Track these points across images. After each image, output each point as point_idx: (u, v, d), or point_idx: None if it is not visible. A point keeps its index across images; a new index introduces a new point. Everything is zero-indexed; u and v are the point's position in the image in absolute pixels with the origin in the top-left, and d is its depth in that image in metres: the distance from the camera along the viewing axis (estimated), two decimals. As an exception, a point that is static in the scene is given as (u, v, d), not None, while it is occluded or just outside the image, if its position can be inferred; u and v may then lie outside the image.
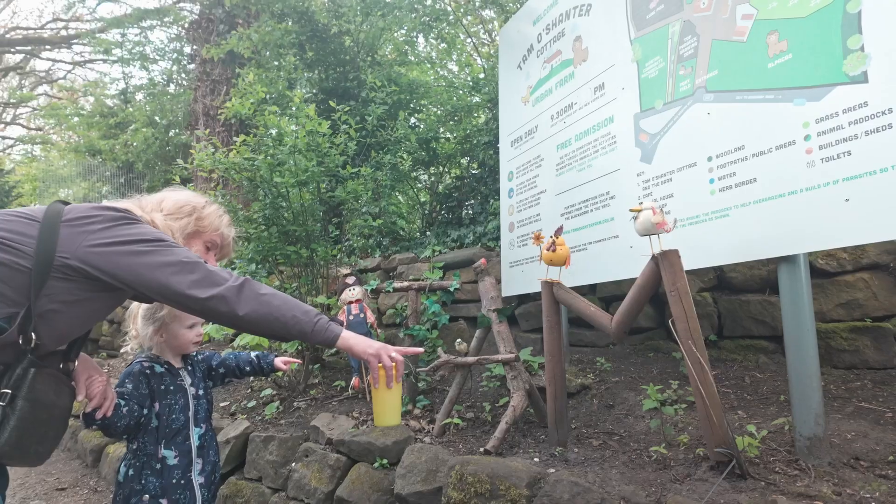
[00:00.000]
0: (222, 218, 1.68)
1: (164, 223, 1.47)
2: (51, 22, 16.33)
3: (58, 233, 1.23)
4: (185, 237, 1.55)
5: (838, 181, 1.94)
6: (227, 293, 1.24)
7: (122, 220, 1.28)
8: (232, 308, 1.24)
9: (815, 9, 2.05)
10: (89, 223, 1.25)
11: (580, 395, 3.06)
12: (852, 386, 2.59)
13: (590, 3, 3.23)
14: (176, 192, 1.63)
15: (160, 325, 1.83)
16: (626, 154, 2.84)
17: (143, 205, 1.49)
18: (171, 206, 1.55)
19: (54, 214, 1.26)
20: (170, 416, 1.78)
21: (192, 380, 1.90)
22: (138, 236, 1.26)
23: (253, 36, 5.98)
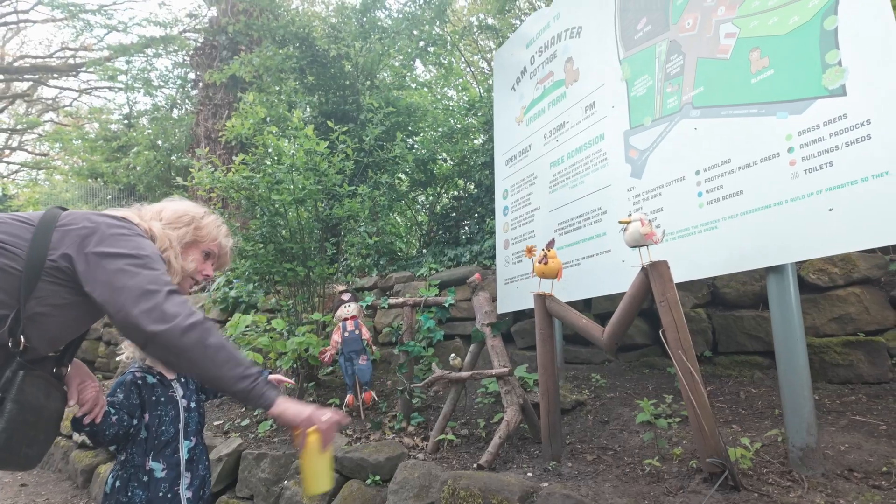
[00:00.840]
0: (220, 228, 1.69)
1: (162, 232, 1.48)
2: (59, 51, 16.71)
3: (51, 236, 1.24)
4: (184, 246, 1.56)
5: (822, 191, 1.97)
6: (170, 333, 1.17)
7: (114, 229, 1.28)
8: (169, 349, 1.19)
9: (794, 26, 2.12)
10: (81, 228, 1.27)
11: (575, 411, 3.04)
12: (847, 400, 2.58)
13: (580, 26, 3.32)
14: (175, 202, 1.64)
15: None
16: (616, 170, 2.89)
17: (142, 213, 1.51)
18: (171, 216, 1.56)
19: (50, 219, 1.28)
20: (159, 427, 1.76)
21: (184, 392, 1.87)
22: (123, 250, 1.25)
23: (254, 60, 6.13)
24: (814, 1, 2.06)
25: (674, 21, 2.65)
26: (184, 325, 1.19)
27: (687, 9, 2.59)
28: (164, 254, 1.47)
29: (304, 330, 3.72)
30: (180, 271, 1.54)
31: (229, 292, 5.48)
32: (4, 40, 17.81)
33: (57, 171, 14.53)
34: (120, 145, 9.61)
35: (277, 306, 4.50)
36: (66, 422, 1.53)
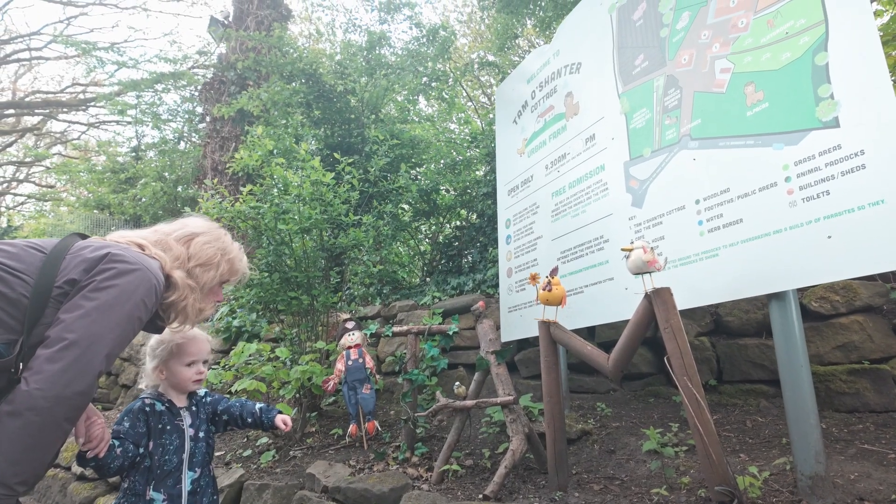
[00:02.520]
0: (243, 259, 1.69)
1: (184, 283, 1.46)
2: (70, 86, 17.15)
3: (60, 263, 1.24)
4: (210, 289, 1.57)
5: (820, 219, 2.02)
6: (39, 401, 1.10)
7: (120, 275, 1.26)
8: (29, 404, 1.10)
9: (787, 62, 2.21)
10: (93, 257, 1.26)
11: (581, 441, 3.02)
12: (854, 429, 2.56)
13: (580, 62, 3.44)
14: (203, 234, 1.59)
15: (159, 362, 1.80)
16: (617, 199, 2.95)
17: (167, 246, 1.48)
18: (203, 257, 1.54)
19: (63, 246, 1.29)
20: (162, 456, 1.72)
21: (192, 420, 1.83)
22: (107, 304, 1.22)
23: (262, 95, 6.29)
24: (804, 38, 2.15)
25: (670, 57, 2.75)
26: (47, 403, 1.11)
27: (683, 45, 2.69)
28: (180, 302, 1.46)
29: (307, 359, 3.72)
30: (195, 317, 1.53)
31: (232, 321, 5.49)
32: (17, 76, 18.33)
33: (63, 203, 14.70)
34: (127, 177, 9.77)
35: (281, 335, 4.50)
36: (66, 453, 1.53)
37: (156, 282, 1.33)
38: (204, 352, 1.87)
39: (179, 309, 1.48)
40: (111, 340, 1.21)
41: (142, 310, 1.29)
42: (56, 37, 14.70)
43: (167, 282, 1.43)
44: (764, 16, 2.32)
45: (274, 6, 9.03)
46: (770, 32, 2.28)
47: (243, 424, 2.00)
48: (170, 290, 1.44)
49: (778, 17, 2.26)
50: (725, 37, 2.48)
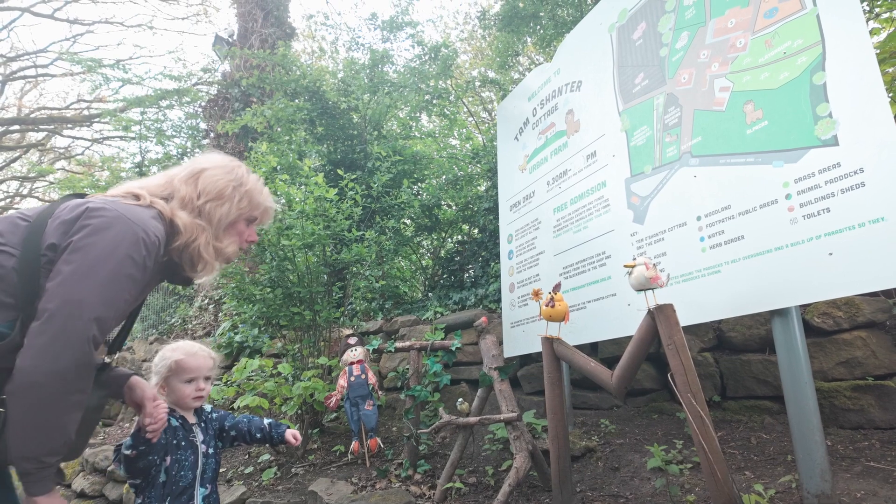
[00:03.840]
0: (263, 189, 1.55)
1: (190, 223, 1.35)
2: (75, 103, 17.33)
3: (44, 231, 1.16)
4: (226, 226, 1.45)
5: (821, 236, 2.03)
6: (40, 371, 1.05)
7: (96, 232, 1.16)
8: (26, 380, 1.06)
9: (785, 81, 2.24)
10: (69, 223, 1.18)
11: (585, 458, 3.00)
12: (860, 446, 2.55)
13: (580, 80, 3.49)
14: (212, 167, 1.46)
15: (159, 379, 1.80)
16: (619, 216, 2.97)
17: (173, 191, 1.38)
18: (212, 190, 1.41)
19: (47, 213, 1.19)
20: (178, 472, 1.71)
21: (203, 437, 1.83)
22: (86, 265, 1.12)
23: (266, 112, 6.36)
24: (802, 58, 2.19)
25: (670, 76, 2.79)
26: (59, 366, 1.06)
27: (682, 64, 2.73)
28: (189, 245, 1.35)
29: (309, 374, 3.71)
30: (212, 259, 1.41)
31: (234, 337, 5.49)
32: (23, 92, 18.52)
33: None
34: (130, 192, 9.83)
35: (283, 351, 4.50)
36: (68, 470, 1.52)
37: (143, 233, 1.20)
38: (204, 368, 1.84)
39: (191, 252, 1.36)
40: (96, 304, 1.11)
41: (129, 265, 1.17)
42: (62, 54, 14.90)
43: (171, 226, 1.33)
44: (762, 36, 2.36)
45: (278, 24, 9.17)
46: (768, 52, 2.32)
47: (251, 440, 1.99)
48: (176, 235, 1.33)
49: (776, 38, 2.30)
50: (724, 56, 2.52)
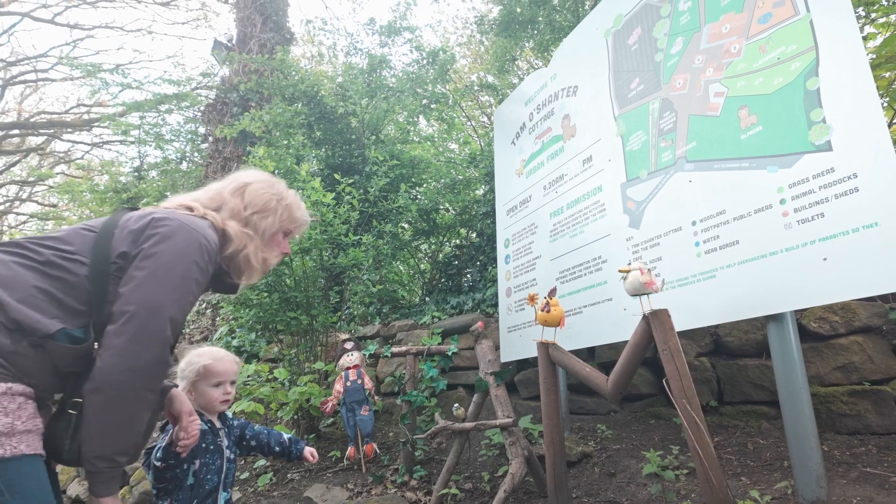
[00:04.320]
0: (300, 204, 1.64)
1: (240, 232, 1.43)
2: (75, 107, 17.36)
3: (111, 240, 1.24)
4: (269, 237, 1.54)
5: (815, 241, 2.03)
6: (128, 368, 1.12)
7: (164, 240, 1.24)
8: (106, 379, 1.12)
9: (779, 87, 2.24)
10: (139, 225, 1.26)
11: (581, 464, 2.99)
12: (857, 451, 2.54)
13: (577, 85, 3.50)
14: (255, 183, 1.55)
15: (187, 384, 1.81)
16: (615, 220, 2.97)
17: (221, 201, 1.46)
18: (258, 203, 1.50)
19: (112, 224, 1.28)
20: (205, 475, 1.72)
21: (227, 442, 1.85)
22: (158, 270, 1.21)
23: (264, 117, 6.37)
24: (795, 63, 2.19)
25: (665, 81, 2.80)
26: (143, 369, 1.13)
27: (677, 70, 2.74)
28: (239, 253, 1.43)
29: (305, 380, 3.70)
30: (259, 267, 1.50)
31: (231, 341, 5.48)
32: (23, 97, 18.56)
33: (66, 222, 14.80)
34: (129, 197, 9.83)
35: (280, 355, 4.49)
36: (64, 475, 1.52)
37: (204, 240, 1.29)
38: (231, 372, 1.88)
39: (241, 260, 1.45)
40: (170, 305, 1.20)
41: (195, 271, 1.26)
42: (62, 59, 14.94)
43: (223, 236, 1.41)
44: (756, 41, 2.37)
45: (277, 29, 9.19)
46: (762, 58, 2.33)
47: (270, 452, 2.00)
48: (227, 244, 1.41)
49: (770, 43, 2.31)
50: (719, 61, 2.52)
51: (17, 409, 1.05)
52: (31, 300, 1.12)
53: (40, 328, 1.09)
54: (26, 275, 1.15)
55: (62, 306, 1.16)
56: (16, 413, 1.04)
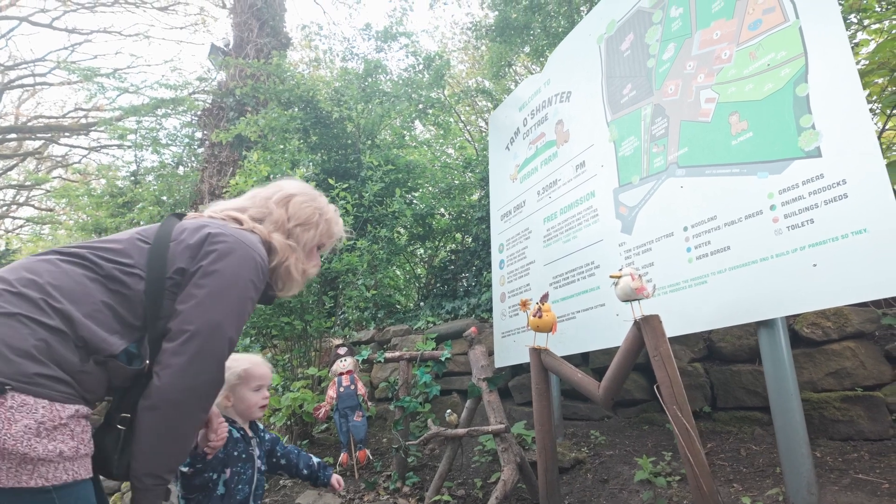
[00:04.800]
0: (339, 219, 1.67)
1: (284, 244, 1.44)
2: (72, 111, 17.36)
3: (166, 253, 1.22)
4: (310, 249, 1.55)
5: (805, 247, 2.03)
6: (183, 385, 1.12)
7: (223, 258, 1.24)
8: (164, 398, 1.11)
9: (769, 93, 2.25)
10: (195, 248, 1.24)
11: (574, 470, 2.97)
12: (849, 457, 2.53)
13: (570, 91, 3.50)
14: (299, 195, 1.55)
15: (227, 389, 1.77)
16: (607, 226, 2.97)
17: (266, 213, 1.47)
18: (302, 216, 1.51)
19: (165, 236, 1.26)
20: (236, 485, 1.67)
21: (259, 452, 1.80)
22: (218, 289, 1.20)
23: (260, 122, 6.37)
24: (785, 70, 2.20)
25: (657, 87, 2.80)
26: (199, 385, 1.14)
27: (669, 76, 2.74)
28: (282, 265, 1.43)
29: (298, 385, 3.69)
30: (300, 278, 1.50)
31: (226, 347, 5.45)
32: (21, 101, 18.55)
33: (62, 227, 14.76)
34: (125, 201, 9.82)
35: (273, 361, 4.47)
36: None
37: (259, 259, 1.30)
38: (268, 377, 1.87)
39: (282, 272, 1.45)
40: (230, 325, 1.20)
41: (251, 290, 1.27)
42: (60, 63, 14.95)
43: (269, 248, 1.41)
44: (746, 48, 2.38)
45: (274, 34, 9.21)
46: (752, 64, 2.33)
47: (296, 473, 1.95)
48: (271, 255, 1.42)
49: (760, 49, 2.32)
50: (710, 68, 2.53)
51: (81, 432, 1.04)
52: (97, 315, 1.10)
53: (106, 347, 1.08)
54: (93, 288, 1.13)
55: (122, 321, 1.15)
56: (80, 437, 1.03)
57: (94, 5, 16.18)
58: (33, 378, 0.97)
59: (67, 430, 1.00)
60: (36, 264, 1.12)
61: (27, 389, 0.96)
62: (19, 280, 1.07)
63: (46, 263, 1.13)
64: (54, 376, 1.00)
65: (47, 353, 1.00)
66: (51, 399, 0.98)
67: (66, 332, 1.04)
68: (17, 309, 1.01)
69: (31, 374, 0.97)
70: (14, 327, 0.99)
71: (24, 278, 1.08)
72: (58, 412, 0.98)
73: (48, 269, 1.11)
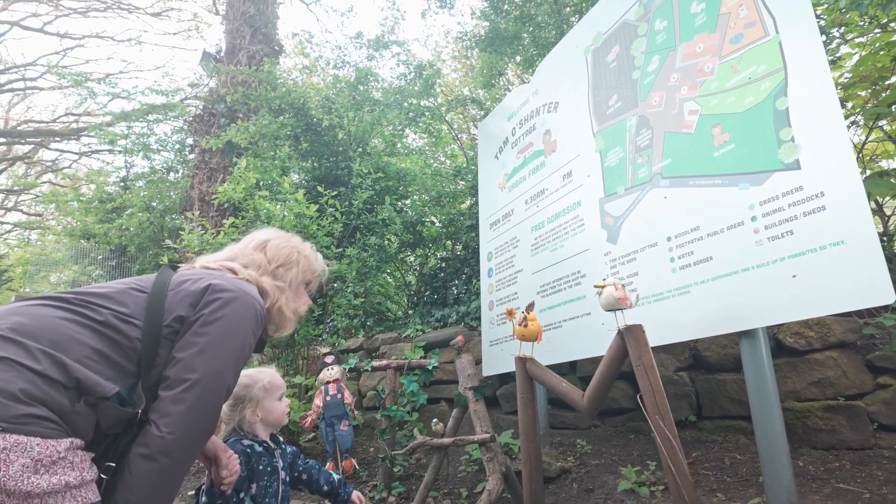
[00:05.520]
0: (318, 255, 1.70)
1: (273, 286, 1.47)
2: (63, 116, 17.26)
3: (164, 302, 1.25)
4: (296, 287, 1.58)
5: (785, 258, 2.06)
6: (173, 439, 1.12)
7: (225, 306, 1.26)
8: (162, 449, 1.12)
9: (750, 106, 2.28)
10: (196, 296, 1.27)
11: (560, 480, 2.97)
12: (831, 467, 2.55)
13: (557, 101, 3.53)
14: (274, 238, 1.60)
15: (254, 404, 1.77)
16: (593, 235, 2.99)
17: (250, 260, 1.50)
18: (282, 257, 1.55)
19: (162, 285, 1.28)
20: (263, 499, 1.65)
21: (283, 463, 1.80)
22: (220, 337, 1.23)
23: (251, 128, 6.37)
24: (765, 83, 2.23)
25: (642, 98, 2.84)
26: (175, 443, 1.14)
27: (653, 87, 2.78)
28: (274, 306, 1.47)
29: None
30: (293, 317, 1.53)
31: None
32: (11, 105, 18.43)
33: (50, 232, 14.64)
34: (115, 207, 9.74)
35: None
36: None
37: (259, 308, 1.33)
38: (284, 385, 1.90)
39: (276, 313, 1.48)
40: (230, 373, 1.22)
41: (251, 338, 1.30)
42: (51, 68, 14.87)
43: (261, 292, 1.43)
44: (728, 61, 2.41)
45: (266, 42, 9.22)
46: (734, 77, 2.37)
47: (316, 489, 1.93)
48: (264, 298, 1.44)
49: (741, 63, 2.35)
50: (693, 80, 2.56)
51: (80, 462, 1.05)
52: (88, 361, 1.11)
53: (99, 389, 1.09)
54: (84, 334, 1.14)
55: (115, 367, 1.15)
56: (81, 466, 1.04)
57: (87, 10, 16.15)
58: (23, 419, 0.98)
59: (67, 462, 1.01)
60: (26, 309, 1.14)
61: (19, 429, 0.97)
62: (8, 324, 1.08)
63: (37, 308, 1.15)
64: (45, 416, 1.01)
65: (36, 396, 1.01)
66: (44, 436, 0.99)
67: (55, 377, 1.05)
68: (5, 353, 1.03)
69: (20, 416, 0.98)
70: (2, 370, 1.01)
71: (13, 322, 1.09)
72: (53, 447, 1.00)
73: (38, 314, 1.13)
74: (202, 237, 4.09)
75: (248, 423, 1.77)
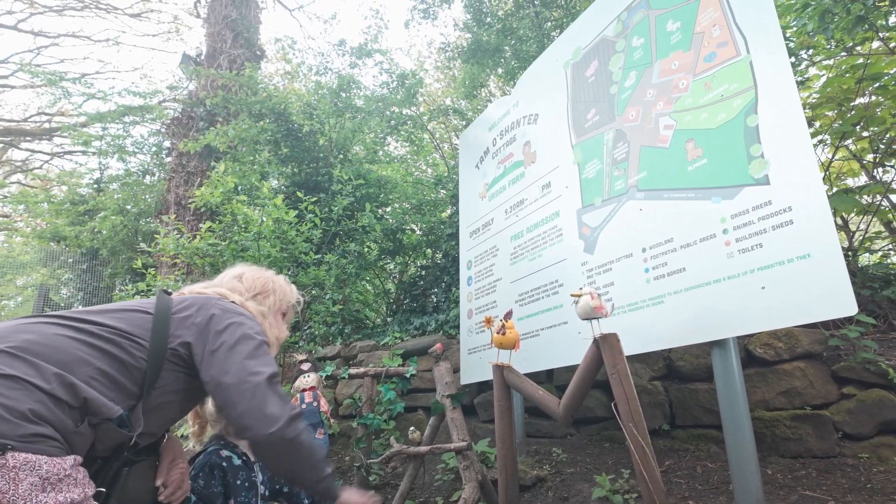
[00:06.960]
0: (291, 285, 1.77)
1: (257, 310, 1.54)
2: (34, 115, 16.82)
3: (169, 325, 1.30)
4: (275, 314, 1.64)
5: (754, 271, 2.12)
6: (292, 414, 1.26)
7: (231, 316, 1.36)
8: (284, 428, 1.24)
9: (722, 122, 2.36)
10: (199, 317, 1.34)
11: (535, 488, 2.98)
12: (798, 475, 2.61)
13: (537, 114, 3.59)
14: (248, 272, 1.69)
15: None
16: (571, 245, 3.03)
17: (233, 289, 1.57)
18: (258, 286, 1.63)
19: (165, 309, 1.34)
20: None
21: (262, 477, 1.75)
22: (242, 336, 1.33)
23: (230, 132, 6.30)
24: (737, 101, 2.31)
25: (619, 112, 2.90)
26: (286, 422, 1.24)
27: (630, 102, 2.85)
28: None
29: (260, 401, 3.60)
30: (276, 342, 1.58)
31: (186, 361, 5.30)
32: (-21, 103, 17.89)
33: (18, 234, 14.20)
34: (87, 209, 9.52)
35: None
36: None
37: (258, 326, 1.44)
38: None
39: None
40: (257, 363, 1.30)
41: (264, 336, 1.40)
42: (23, 66, 14.51)
43: None
44: (702, 78, 2.49)
45: (248, 46, 9.16)
46: (707, 94, 2.45)
47: (298, 502, 1.89)
48: None
49: (714, 81, 2.43)
50: (668, 96, 2.64)
51: (83, 478, 1.07)
52: (93, 382, 1.13)
53: (105, 411, 1.11)
54: (91, 353, 1.16)
55: (118, 387, 1.18)
56: (83, 482, 1.06)
57: (63, 9, 15.83)
58: (31, 438, 1.00)
59: (71, 480, 1.03)
60: (32, 327, 1.16)
61: (27, 448, 0.98)
62: (17, 342, 1.10)
63: (43, 326, 1.17)
64: (50, 435, 1.03)
65: (43, 416, 1.03)
66: (49, 455, 1.01)
67: (62, 397, 1.07)
68: (15, 371, 1.05)
69: (28, 435, 1.00)
70: (12, 388, 1.02)
71: (21, 340, 1.11)
72: (59, 465, 1.01)
73: (45, 333, 1.15)
74: (178, 241, 4.03)
75: (228, 432, 1.74)
